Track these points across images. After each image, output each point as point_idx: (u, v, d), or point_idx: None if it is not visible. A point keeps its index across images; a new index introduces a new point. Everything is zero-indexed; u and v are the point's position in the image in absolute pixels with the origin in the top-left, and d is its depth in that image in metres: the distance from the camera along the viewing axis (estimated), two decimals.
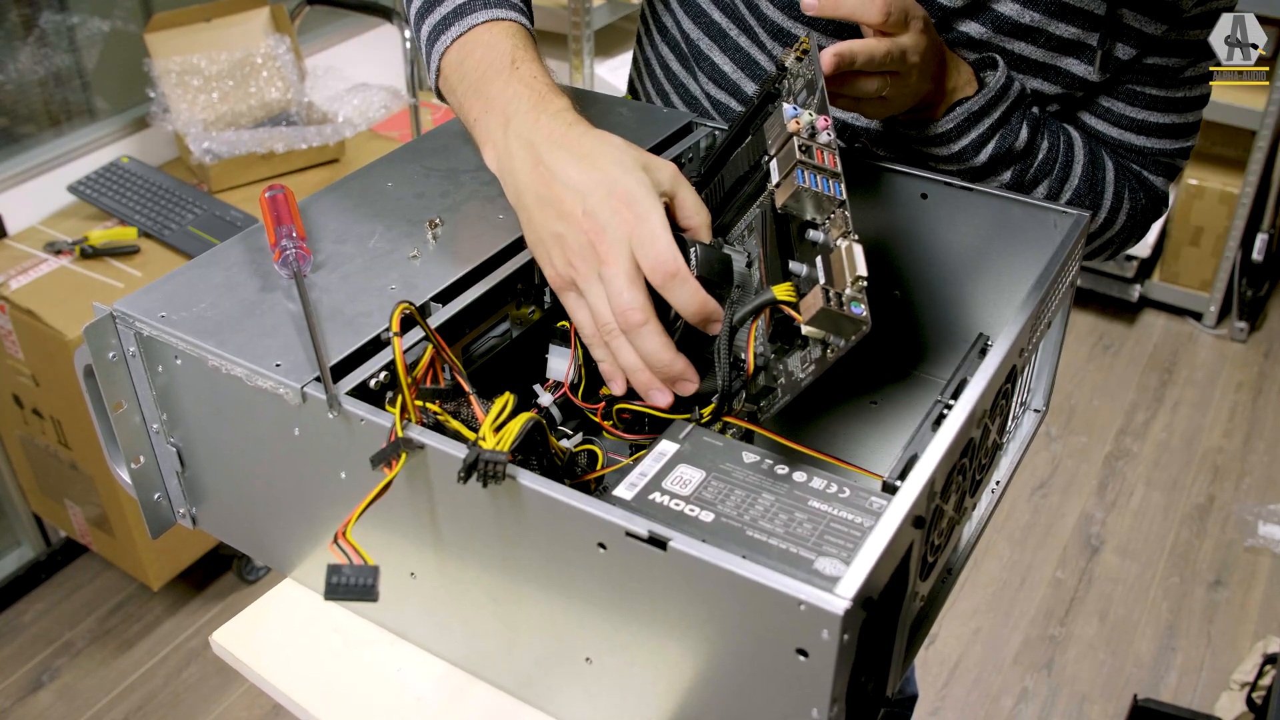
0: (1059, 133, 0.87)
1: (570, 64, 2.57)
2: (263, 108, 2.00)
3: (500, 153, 0.70)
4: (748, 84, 0.90)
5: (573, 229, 0.64)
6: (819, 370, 0.58)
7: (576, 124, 0.68)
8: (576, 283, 0.64)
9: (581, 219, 0.63)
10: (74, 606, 1.97)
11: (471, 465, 0.53)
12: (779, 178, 0.64)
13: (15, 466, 1.94)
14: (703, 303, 0.62)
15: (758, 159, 0.68)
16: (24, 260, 1.75)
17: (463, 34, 0.75)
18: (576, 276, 0.64)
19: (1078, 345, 2.63)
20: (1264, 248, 2.56)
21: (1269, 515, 2.16)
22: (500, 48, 0.74)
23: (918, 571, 0.57)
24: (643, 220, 0.62)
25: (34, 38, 1.90)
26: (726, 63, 0.90)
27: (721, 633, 0.51)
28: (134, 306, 0.65)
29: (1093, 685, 1.85)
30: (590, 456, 0.67)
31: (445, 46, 0.75)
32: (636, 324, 0.62)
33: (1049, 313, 0.72)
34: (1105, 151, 0.89)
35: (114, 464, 0.71)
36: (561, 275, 0.65)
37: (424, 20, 0.78)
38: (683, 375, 0.63)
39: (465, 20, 0.75)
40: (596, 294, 0.63)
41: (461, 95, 0.74)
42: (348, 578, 0.50)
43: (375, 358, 0.62)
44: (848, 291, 0.56)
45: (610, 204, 0.63)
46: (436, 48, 0.76)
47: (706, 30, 0.91)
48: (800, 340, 0.59)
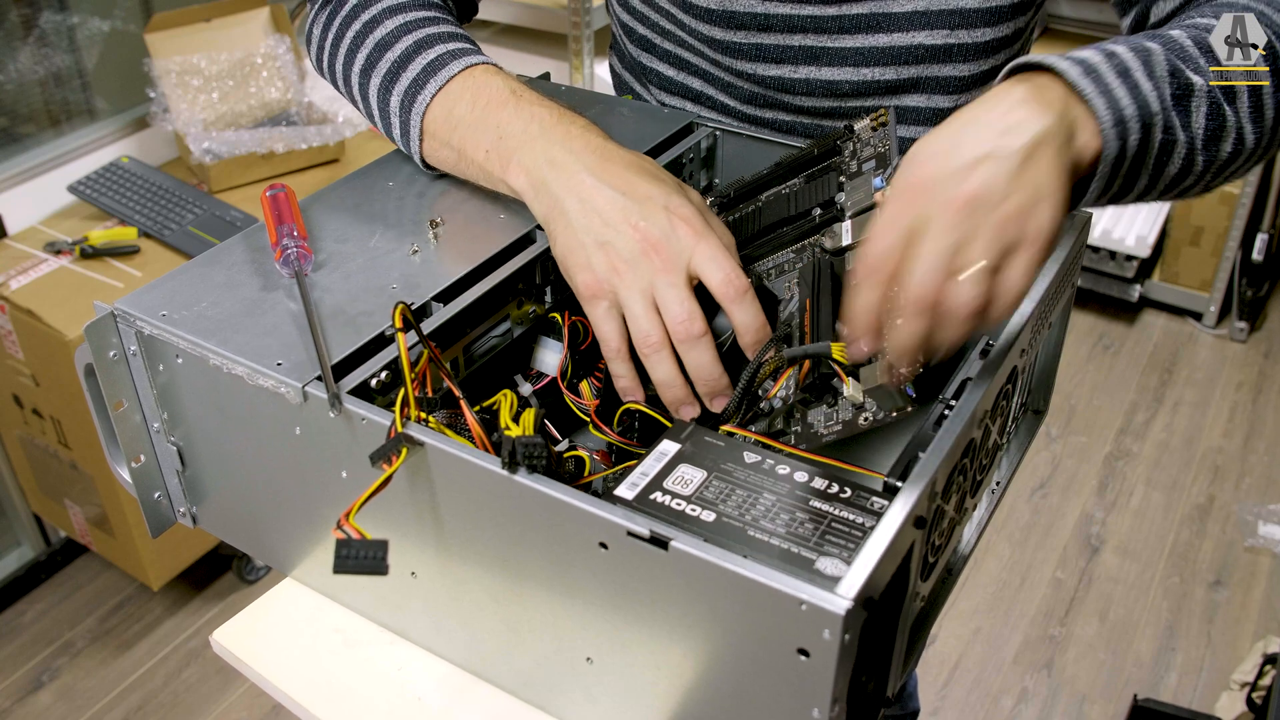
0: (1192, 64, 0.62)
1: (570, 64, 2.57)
2: (263, 108, 2.00)
3: (530, 165, 0.69)
4: (694, 81, 0.90)
5: (623, 237, 0.64)
6: (845, 433, 0.61)
7: (608, 139, 0.69)
8: (618, 291, 0.64)
9: (633, 229, 0.64)
10: (74, 606, 1.97)
11: (512, 452, 0.53)
12: (849, 239, 0.67)
13: (15, 466, 1.94)
14: (764, 324, 0.64)
15: (808, 208, 0.71)
16: (24, 260, 1.75)
17: (443, 86, 0.73)
18: (619, 284, 0.64)
19: (1078, 345, 2.63)
20: (1264, 248, 2.56)
21: (1269, 515, 2.16)
22: (493, 84, 0.73)
23: (918, 572, 0.57)
24: (705, 237, 0.64)
25: (34, 38, 1.90)
26: (668, 69, 0.91)
27: (723, 632, 0.51)
28: (135, 305, 0.65)
29: (1093, 685, 1.85)
30: (577, 462, 0.67)
31: (426, 104, 0.74)
32: (697, 334, 0.63)
33: (1049, 313, 0.72)
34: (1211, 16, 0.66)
35: (114, 463, 0.71)
36: (602, 282, 0.64)
37: (389, 95, 0.76)
38: (725, 390, 0.64)
39: (441, 74, 0.74)
40: (640, 305, 0.63)
41: (462, 137, 0.72)
42: (357, 551, 0.51)
43: (376, 357, 0.62)
44: (904, 371, 0.57)
45: (669, 219, 0.64)
46: (415, 109, 0.74)
47: (640, 44, 0.92)
48: (830, 398, 0.62)
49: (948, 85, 0.81)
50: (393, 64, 0.75)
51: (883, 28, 0.79)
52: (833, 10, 0.78)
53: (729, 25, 0.81)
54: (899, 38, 0.79)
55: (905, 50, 0.79)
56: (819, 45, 0.80)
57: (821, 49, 0.80)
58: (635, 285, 0.63)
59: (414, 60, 0.75)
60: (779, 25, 0.79)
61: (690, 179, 0.86)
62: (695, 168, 0.86)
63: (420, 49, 0.75)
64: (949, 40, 0.79)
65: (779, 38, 0.80)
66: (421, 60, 0.75)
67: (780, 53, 0.81)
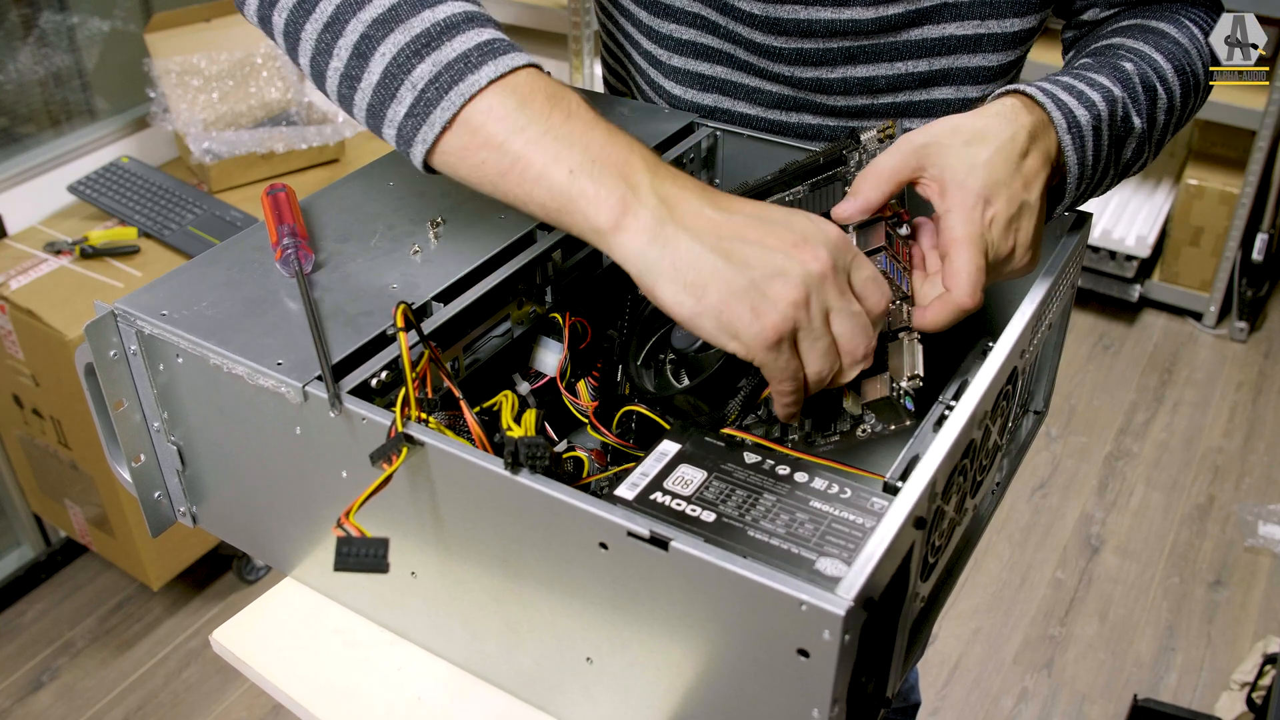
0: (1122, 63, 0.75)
1: (570, 64, 2.57)
2: (263, 108, 2.00)
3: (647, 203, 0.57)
4: (706, 98, 0.89)
5: (804, 264, 0.56)
6: (843, 445, 0.62)
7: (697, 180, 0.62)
8: (800, 328, 0.56)
9: (813, 257, 0.56)
10: (74, 606, 1.97)
11: (515, 453, 0.53)
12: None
13: (15, 466, 1.94)
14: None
15: None
16: (24, 260, 1.75)
17: (504, 75, 0.60)
18: (805, 319, 0.56)
19: (1078, 345, 2.63)
20: (1264, 248, 2.56)
21: (1269, 515, 2.16)
22: (570, 97, 0.61)
23: (918, 572, 0.57)
24: (861, 259, 0.59)
25: (34, 38, 1.90)
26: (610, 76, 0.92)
27: (723, 633, 0.51)
28: (135, 305, 0.65)
29: (1093, 685, 1.85)
30: (576, 463, 0.67)
31: (479, 88, 0.59)
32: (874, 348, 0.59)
33: (1049, 313, 0.72)
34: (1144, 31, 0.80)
35: (114, 462, 0.71)
36: (785, 322, 0.55)
37: (415, 59, 0.60)
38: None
39: (503, 60, 0.60)
40: (823, 339, 0.57)
41: (531, 143, 0.59)
42: (358, 549, 0.51)
43: (377, 357, 0.62)
44: (903, 385, 0.59)
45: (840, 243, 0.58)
46: (460, 90, 0.60)
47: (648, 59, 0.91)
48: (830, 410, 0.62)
49: (976, 75, 0.83)
50: (434, 26, 0.60)
51: (916, 22, 0.80)
52: (872, 13, 0.79)
53: (772, 31, 0.81)
54: (931, 30, 0.81)
55: (937, 42, 0.81)
56: (856, 45, 0.81)
57: (859, 48, 0.81)
58: (819, 318, 0.56)
59: (464, 31, 0.61)
60: (821, 30, 0.80)
61: None
62: (695, 168, 0.86)
63: (471, 22, 0.61)
64: (979, 30, 0.81)
65: (819, 42, 0.81)
66: (475, 35, 0.61)
67: (820, 55, 0.82)
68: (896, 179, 0.65)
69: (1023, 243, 0.65)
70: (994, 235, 0.63)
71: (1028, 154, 0.65)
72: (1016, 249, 0.65)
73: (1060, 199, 0.71)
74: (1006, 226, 0.64)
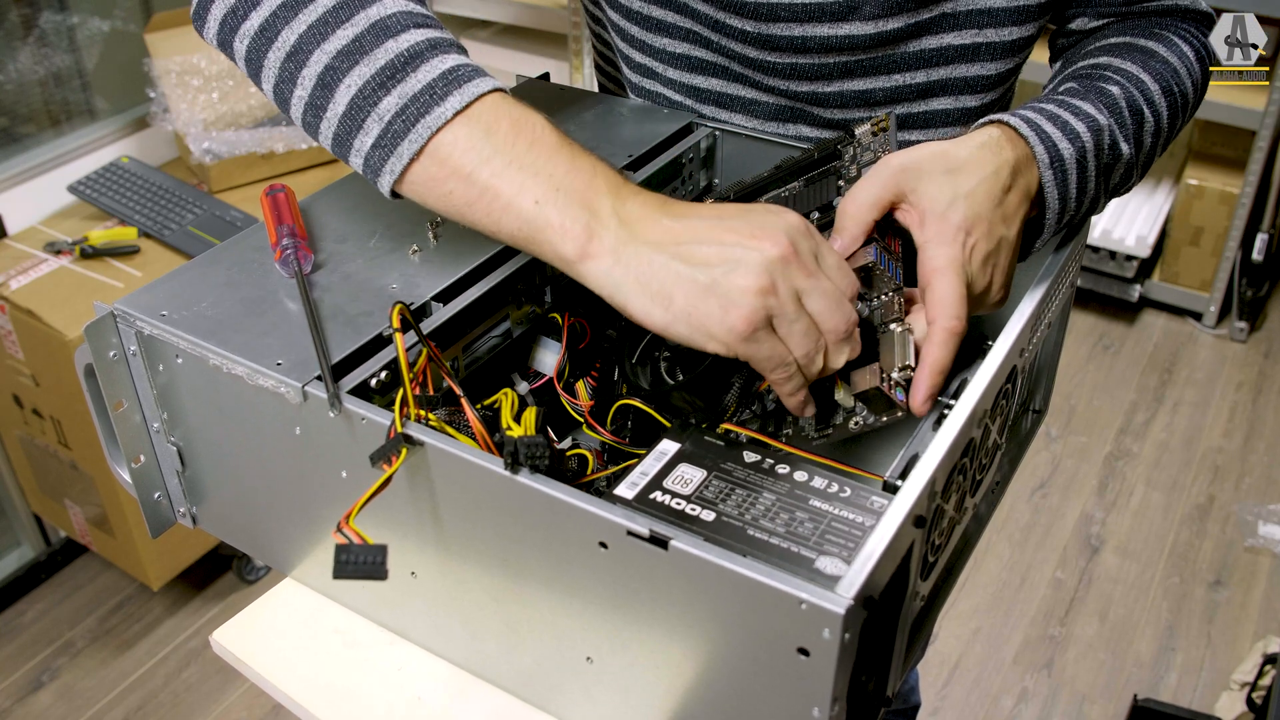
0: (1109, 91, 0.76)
1: (570, 64, 2.57)
2: (263, 108, 2.00)
3: (609, 228, 0.58)
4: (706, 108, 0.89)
5: (762, 251, 0.56)
6: (835, 436, 0.62)
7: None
8: (774, 313, 0.56)
9: (770, 244, 0.56)
10: (74, 606, 1.97)
11: (515, 452, 0.53)
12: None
13: (15, 466, 1.94)
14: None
15: (807, 212, 0.71)
16: (24, 260, 1.75)
17: (469, 105, 0.60)
18: (776, 304, 0.56)
19: (1078, 345, 2.63)
20: (1264, 248, 2.56)
21: (1269, 515, 2.16)
22: (536, 121, 0.61)
23: (918, 571, 0.57)
24: (826, 244, 0.60)
25: (34, 38, 1.90)
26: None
27: (723, 632, 0.51)
28: (135, 305, 0.65)
29: (1093, 685, 1.85)
30: (580, 460, 0.67)
31: (445, 120, 0.60)
32: (856, 324, 0.59)
33: (1048, 313, 0.72)
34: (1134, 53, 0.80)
35: (114, 463, 0.71)
36: (754, 311, 0.55)
37: (380, 92, 0.60)
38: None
39: (466, 89, 0.60)
40: (800, 321, 0.57)
41: (497, 174, 0.59)
42: (356, 556, 0.51)
43: (376, 357, 0.62)
44: (895, 376, 0.60)
45: (799, 227, 0.58)
46: (426, 122, 0.60)
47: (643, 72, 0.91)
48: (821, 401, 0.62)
49: (975, 85, 0.83)
50: (398, 57, 0.61)
51: (916, 34, 0.79)
52: (871, 28, 0.78)
53: (766, 47, 0.80)
54: (929, 40, 0.80)
55: (935, 53, 0.80)
56: (854, 60, 0.80)
57: (856, 62, 0.80)
58: (791, 299, 0.56)
59: (428, 60, 0.61)
60: (817, 47, 0.79)
61: (690, 179, 0.86)
62: (695, 168, 0.86)
63: (435, 50, 0.62)
64: (977, 40, 0.80)
65: (815, 57, 0.80)
66: (439, 63, 0.61)
67: (816, 70, 0.81)
68: (879, 206, 0.64)
69: (998, 279, 0.65)
70: (973, 268, 0.63)
71: (1010, 189, 0.65)
72: (993, 285, 0.65)
73: (1039, 233, 0.71)
74: (985, 261, 0.64)
